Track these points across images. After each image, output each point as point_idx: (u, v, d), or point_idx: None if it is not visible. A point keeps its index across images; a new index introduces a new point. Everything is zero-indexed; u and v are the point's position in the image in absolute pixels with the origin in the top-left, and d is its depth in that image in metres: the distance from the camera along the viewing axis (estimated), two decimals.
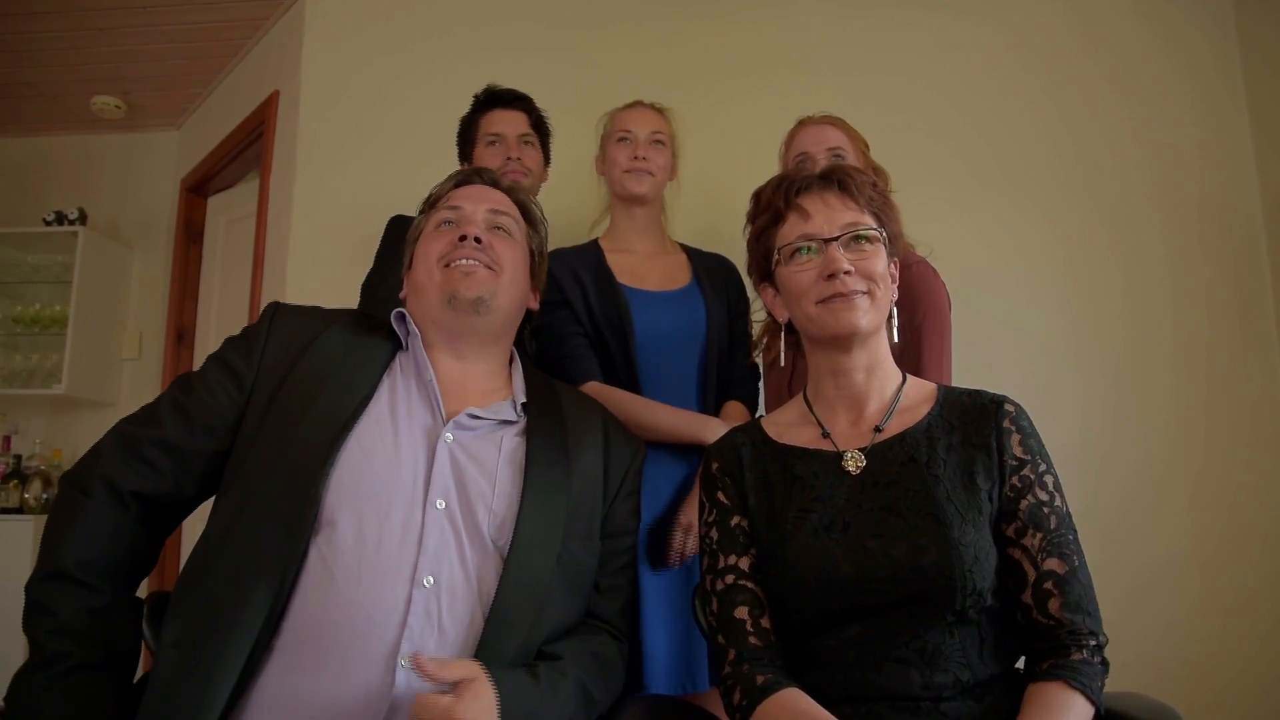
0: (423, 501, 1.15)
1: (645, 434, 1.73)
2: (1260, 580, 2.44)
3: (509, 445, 1.25)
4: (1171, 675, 2.27)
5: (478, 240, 1.31)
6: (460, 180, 1.42)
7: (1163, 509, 2.50)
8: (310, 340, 1.25)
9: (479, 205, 1.36)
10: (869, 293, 1.20)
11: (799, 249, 1.23)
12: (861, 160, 1.86)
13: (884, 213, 1.26)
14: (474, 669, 1.03)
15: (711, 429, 1.72)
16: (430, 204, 1.41)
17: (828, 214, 1.23)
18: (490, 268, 1.31)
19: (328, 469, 1.12)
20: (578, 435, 1.31)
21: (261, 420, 1.19)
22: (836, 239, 1.21)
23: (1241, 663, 2.38)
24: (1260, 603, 2.42)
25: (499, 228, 1.36)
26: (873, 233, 1.22)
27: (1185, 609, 2.43)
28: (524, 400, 1.32)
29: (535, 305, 1.46)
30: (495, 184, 1.42)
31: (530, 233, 1.43)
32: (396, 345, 1.31)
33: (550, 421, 1.30)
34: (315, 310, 1.35)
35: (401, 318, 1.32)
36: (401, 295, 1.40)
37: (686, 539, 1.70)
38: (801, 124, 1.95)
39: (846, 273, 1.19)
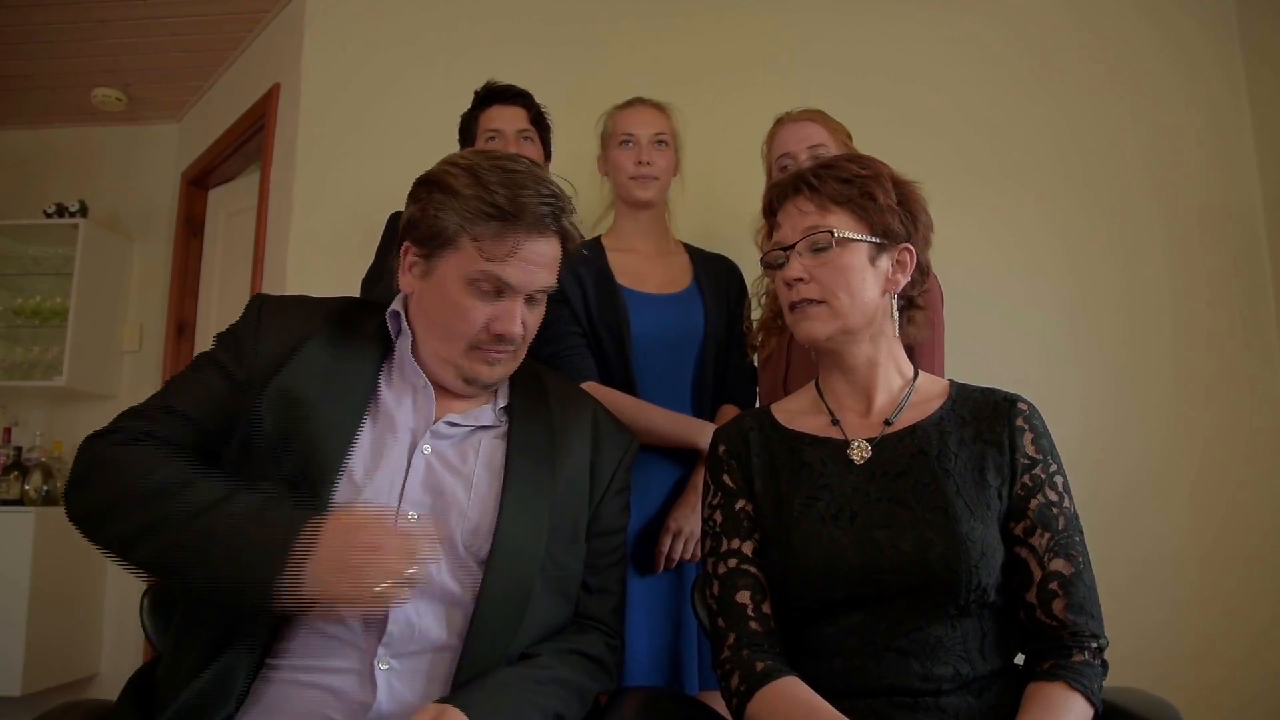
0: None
1: (638, 436, 1.74)
2: (1257, 576, 2.45)
3: (487, 449, 1.22)
4: (1169, 669, 2.27)
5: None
6: (530, 224, 1.16)
7: (1161, 505, 2.51)
8: (298, 343, 1.19)
9: (530, 281, 1.18)
10: (824, 300, 1.19)
11: (775, 257, 1.24)
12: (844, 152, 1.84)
13: (865, 204, 1.20)
14: (435, 710, 1.01)
15: (705, 433, 1.72)
16: (481, 222, 1.15)
17: (791, 222, 1.23)
18: (515, 353, 1.24)
19: (325, 498, 1.10)
20: (564, 434, 1.27)
21: (249, 440, 1.14)
22: (793, 247, 1.21)
23: (1239, 656, 2.39)
24: (1257, 598, 2.44)
25: (536, 300, 1.24)
26: (825, 235, 1.18)
27: (1182, 604, 2.44)
28: (504, 404, 1.28)
29: None
30: (559, 229, 1.21)
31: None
32: (385, 343, 1.25)
33: (534, 422, 1.26)
34: (302, 302, 1.27)
35: (396, 317, 1.25)
36: (406, 292, 1.25)
37: (675, 544, 1.70)
38: (780, 122, 1.92)
39: (799, 280, 1.19)
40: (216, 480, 1.07)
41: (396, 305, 1.26)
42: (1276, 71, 2.65)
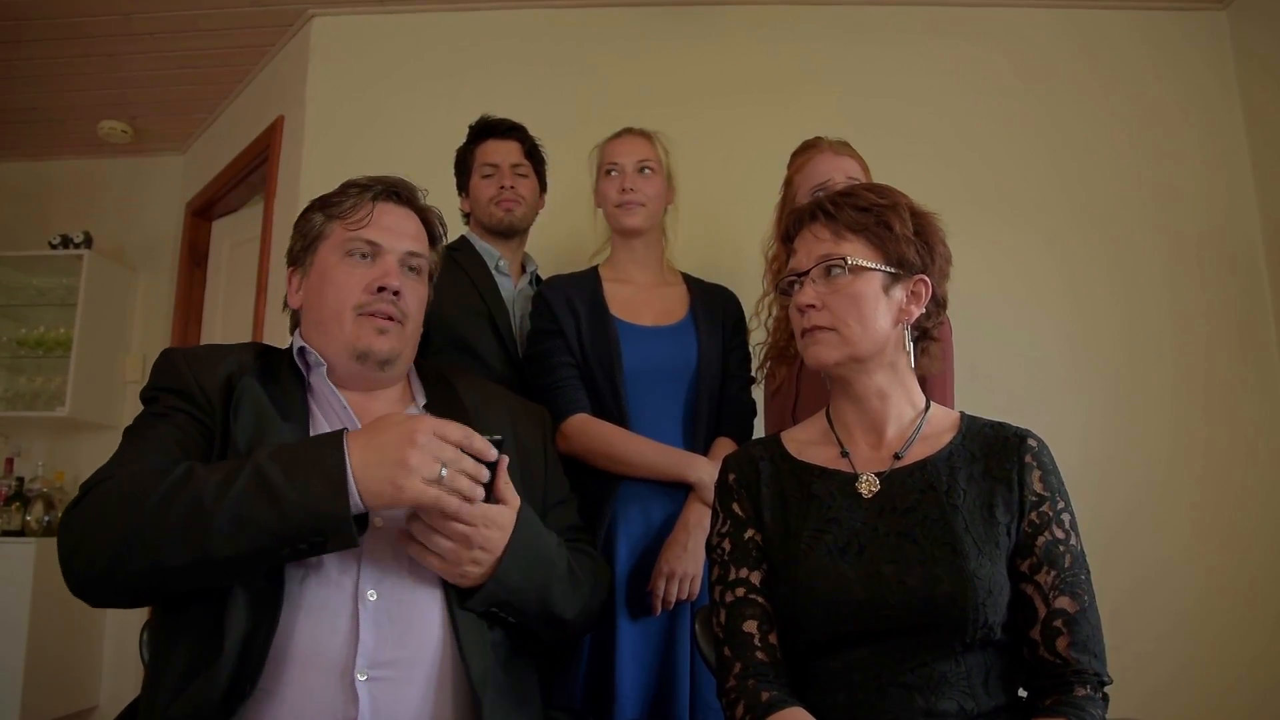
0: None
1: (628, 469, 1.72)
2: (1255, 597, 2.48)
3: None
4: (1166, 687, 2.32)
5: (395, 292, 1.27)
6: (379, 192, 1.33)
7: (1160, 530, 2.52)
8: (227, 378, 1.21)
9: (398, 242, 1.30)
10: (834, 327, 1.19)
11: (790, 283, 1.25)
12: None
13: (881, 233, 1.21)
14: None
15: (695, 467, 1.71)
16: (338, 205, 1.31)
17: (807, 248, 1.23)
18: (400, 320, 1.28)
19: None
20: (488, 423, 1.29)
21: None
22: (808, 273, 1.21)
23: (1234, 676, 2.44)
24: (1255, 619, 2.47)
25: (413, 269, 1.32)
26: (838, 262, 1.19)
27: (1181, 625, 2.46)
28: (425, 402, 1.33)
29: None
30: (411, 201, 1.36)
31: (432, 257, 1.38)
32: (302, 378, 1.28)
33: (453, 410, 1.30)
34: (211, 347, 1.30)
35: (303, 353, 1.28)
36: (295, 307, 1.34)
37: (670, 587, 1.65)
38: (816, 148, 1.89)
39: (811, 306, 1.20)
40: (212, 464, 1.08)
41: (298, 343, 1.30)
42: (1272, 103, 2.68)
